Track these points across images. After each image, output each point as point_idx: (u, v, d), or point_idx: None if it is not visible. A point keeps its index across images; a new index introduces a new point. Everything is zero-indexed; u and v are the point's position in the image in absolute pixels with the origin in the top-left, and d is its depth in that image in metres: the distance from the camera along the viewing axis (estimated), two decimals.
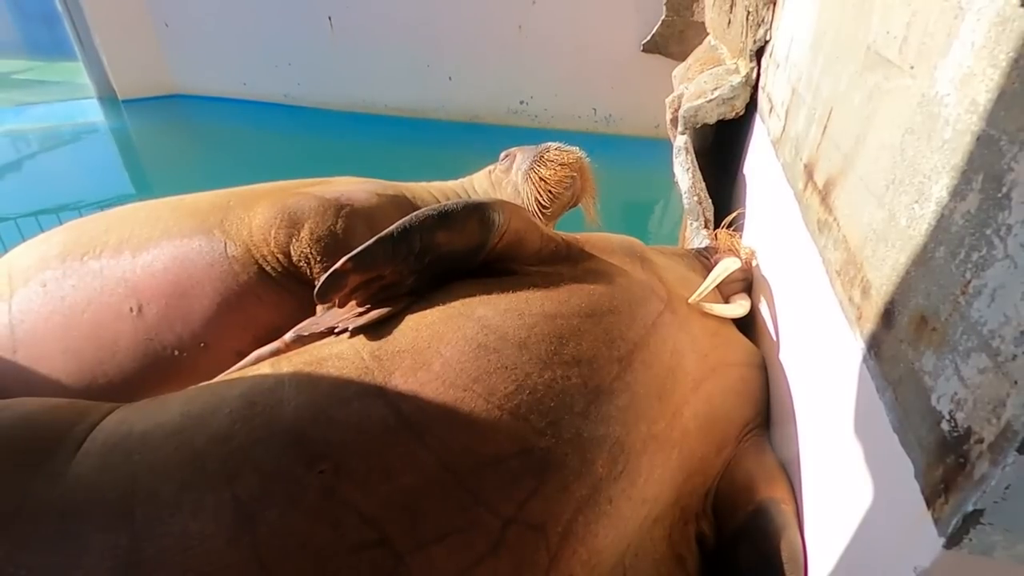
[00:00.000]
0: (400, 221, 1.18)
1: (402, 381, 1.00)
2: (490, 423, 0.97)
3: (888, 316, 0.96)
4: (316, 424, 0.94)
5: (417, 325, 1.12)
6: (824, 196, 1.41)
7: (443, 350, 1.05)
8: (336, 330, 1.17)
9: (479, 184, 2.26)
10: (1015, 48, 0.72)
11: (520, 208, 1.35)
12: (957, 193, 0.79)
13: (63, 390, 1.54)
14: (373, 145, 6.20)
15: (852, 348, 1.07)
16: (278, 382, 1.00)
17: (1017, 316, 0.63)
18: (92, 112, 7.06)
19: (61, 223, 1.82)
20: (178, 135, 6.76)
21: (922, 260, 0.86)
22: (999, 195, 0.70)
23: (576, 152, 2.12)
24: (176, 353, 1.57)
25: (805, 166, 1.63)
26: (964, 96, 0.82)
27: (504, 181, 2.18)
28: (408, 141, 6.26)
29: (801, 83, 1.84)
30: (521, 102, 6.17)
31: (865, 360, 1.01)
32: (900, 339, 0.88)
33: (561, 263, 1.32)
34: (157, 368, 1.57)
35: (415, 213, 1.19)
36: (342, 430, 0.93)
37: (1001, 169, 0.70)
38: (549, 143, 2.15)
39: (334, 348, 1.10)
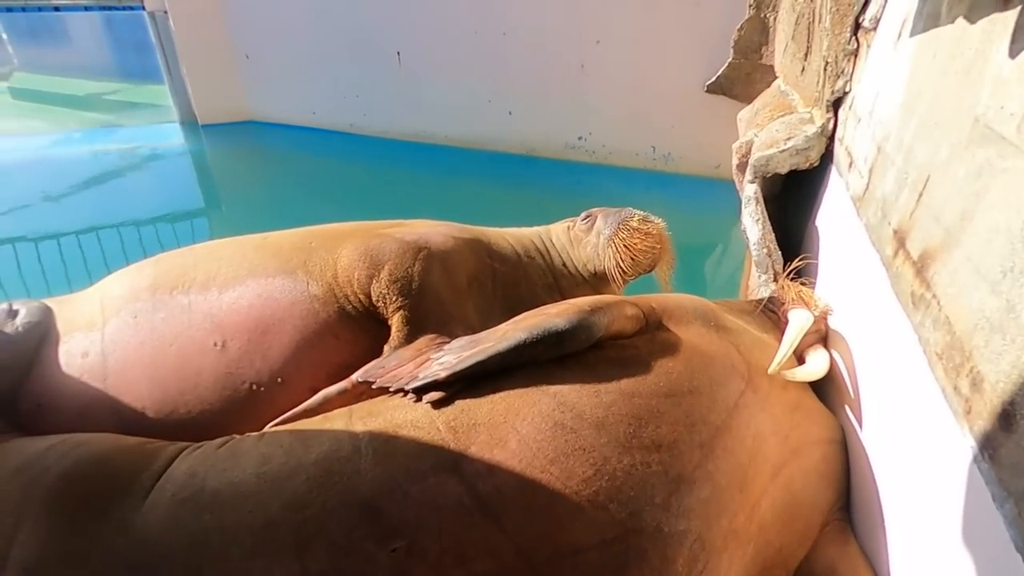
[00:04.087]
0: (510, 339, 1.18)
1: (478, 457, 0.99)
2: (568, 510, 0.93)
3: (1007, 418, 0.87)
4: (391, 499, 0.93)
5: (492, 396, 1.11)
6: (920, 269, 1.32)
7: (519, 426, 1.02)
8: (404, 392, 1.17)
9: (556, 238, 2.26)
10: None
11: (622, 304, 1.33)
12: None
13: (146, 419, 1.60)
14: (431, 174, 6.38)
15: (959, 443, 0.98)
16: (355, 450, 1.01)
17: None
18: (174, 135, 7.64)
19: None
20: (249, 158, 7.22)
21: None
22: None
23: (659, 223, 2.14)
24: (254, 388, 1.62)
25: (895, 231, 1.54)
26: None
27: (584, 240, 2.19)
28: (465, 172, 6.41)
29: (889, 143, 1.76)
30: (579, 138, 6.20)
31: (977, 461, 0.93)
32: None
33: (639, 334, 1.28)
34: (235, 402, 1.62)
35: (526, 332, 1.19)
36: (417, 507, 0.92)
37: None
38: (632, 210, 2.17)
39: (409, 414, 1.10)
